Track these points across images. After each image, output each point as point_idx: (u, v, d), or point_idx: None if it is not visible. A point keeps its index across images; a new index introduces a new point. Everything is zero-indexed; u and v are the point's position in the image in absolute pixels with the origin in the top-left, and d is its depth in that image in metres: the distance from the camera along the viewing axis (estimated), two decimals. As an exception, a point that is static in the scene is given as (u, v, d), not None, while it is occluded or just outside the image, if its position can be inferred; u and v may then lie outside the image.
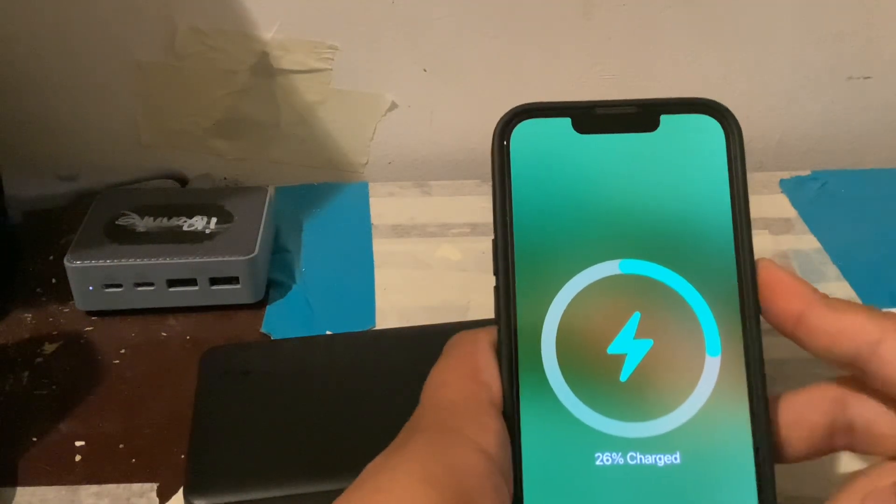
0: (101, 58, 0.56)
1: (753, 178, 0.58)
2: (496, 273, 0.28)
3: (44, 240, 0.52)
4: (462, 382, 0.26)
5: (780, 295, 0.27)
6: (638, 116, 0.29)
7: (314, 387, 0.39)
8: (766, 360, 0.27)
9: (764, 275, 0.28)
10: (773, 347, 0.28)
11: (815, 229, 0.53)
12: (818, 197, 0.56)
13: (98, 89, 0.57)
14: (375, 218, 0.55)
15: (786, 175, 0.58)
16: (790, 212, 0.55)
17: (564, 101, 0.29)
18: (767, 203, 0.56)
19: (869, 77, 0.60)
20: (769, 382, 0.27)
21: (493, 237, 0.28)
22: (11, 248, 0.51)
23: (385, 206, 0.56)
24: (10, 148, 0.56)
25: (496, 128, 0.29)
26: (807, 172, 0.58)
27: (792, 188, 0.57)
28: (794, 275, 0.28)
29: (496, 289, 0.28)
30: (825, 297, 0.27)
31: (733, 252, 0.28)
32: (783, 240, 0.52)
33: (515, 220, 0.28)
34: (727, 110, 0.29)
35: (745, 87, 0.59)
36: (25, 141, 0.58)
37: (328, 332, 0.45)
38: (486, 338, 0.28)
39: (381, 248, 0.52)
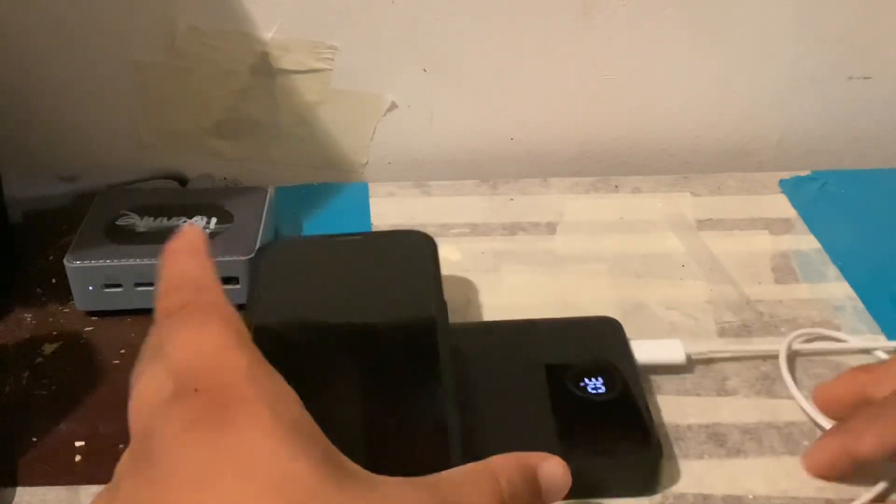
0: (101, 58, 0.56)
1: (753, 178, 0.58)
2: None
3: (44, 240, 0.52)
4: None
5: None
6: (364, 243, 0.42)
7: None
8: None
9: None
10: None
11: (815, 229, 0.53)
12: (818, 197, 0.56)
13: (98, 89, 0.57)
14: (375, 218, 0.55)
15: (786, 175, 0.58)
16: (790, 212, 0.55)
17: (315, 236, 0.44)
18: (767, 203, 0.56)
19: (869, 77, 0.60)
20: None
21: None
22: (11, 248, 0.51)
23: (385, 206, 0.56)
24: (10, 148, 0.56)
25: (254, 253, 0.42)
26: (807, 172, 0.58)
27: (792, 188, 0.57)
28: None
29: None
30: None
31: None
32: (783, 240, 0.52)
33: (256, 326, 0.35)
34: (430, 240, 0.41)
35: (745, 87, 0.59)
36: (25, 141, 0.58)
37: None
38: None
39: (381, 248, 0.52)
